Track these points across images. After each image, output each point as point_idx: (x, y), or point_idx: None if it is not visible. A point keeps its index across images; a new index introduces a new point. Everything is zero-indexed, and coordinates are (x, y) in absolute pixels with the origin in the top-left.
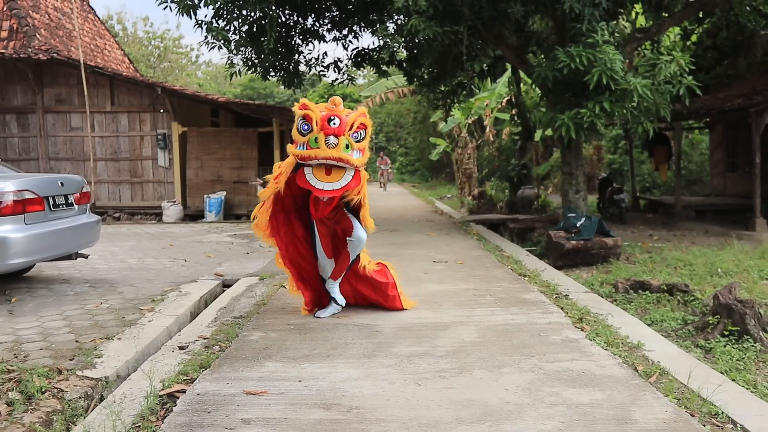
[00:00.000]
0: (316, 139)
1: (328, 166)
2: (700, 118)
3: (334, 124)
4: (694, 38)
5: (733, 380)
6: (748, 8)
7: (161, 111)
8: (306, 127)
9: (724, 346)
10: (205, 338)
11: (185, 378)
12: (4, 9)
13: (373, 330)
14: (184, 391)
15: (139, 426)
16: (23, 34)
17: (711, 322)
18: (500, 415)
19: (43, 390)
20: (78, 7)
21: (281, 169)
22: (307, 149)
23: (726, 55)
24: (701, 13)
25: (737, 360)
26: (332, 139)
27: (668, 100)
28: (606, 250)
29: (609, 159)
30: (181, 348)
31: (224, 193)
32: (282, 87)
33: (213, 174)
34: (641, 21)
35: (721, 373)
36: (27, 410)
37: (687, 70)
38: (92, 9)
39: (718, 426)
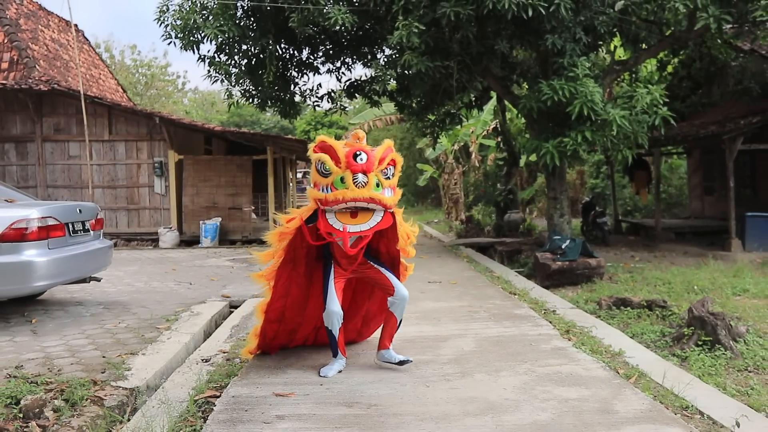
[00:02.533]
0: (342, 178)
1: (354, 209)
2: (678, 144)
3: (361, 159)
4: (670, 69)
5: (706, 382)
6: (719, 41)
7: (159, 139)
8: (324, 168)
9: (698, 355)
10: (225, 352)
11: (215, 385)
12: (5, 41)
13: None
14: (216, 396)
15: (184, 421)
16: (23, 65)
17: (686, 333)
18: (501, 408)
19: (84, 398)
20: (74, 39)
21: (297, 213)
22: (332, 191)
23: (700, 85)
24: (676, 45)
25: (709, 366)
26: (361, 177)
27: (645, 129)
28: (590, 270)
29: (592, 183)
30: (204, 361)
31: (219, 219)
32: (269, 114)
33: (208, 200)
34: (620, 53)
35: (697, 377)
36: (73, 415)
37: (662, 101)
38: (87, 40)
39: (688, 416)
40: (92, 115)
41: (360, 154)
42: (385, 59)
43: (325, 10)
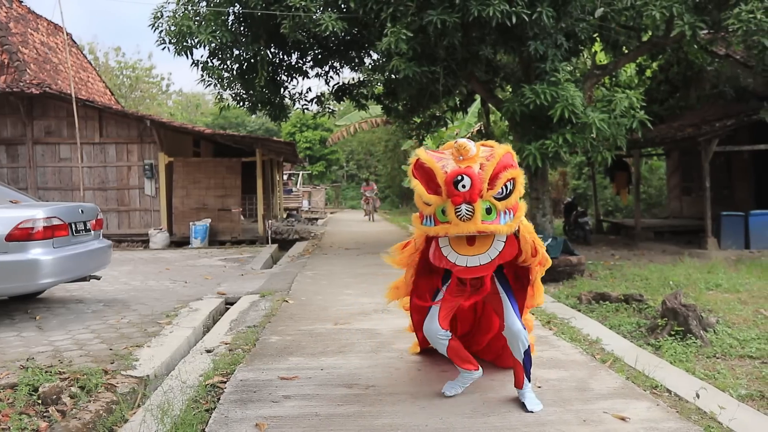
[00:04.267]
0: (443, 210)
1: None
2: (656, 146)
3: (463, 187)
4: (648, 73)
5: (675, 366)
6: (695, 47)
7: (149, 142)
8: (422, 197)
9: (671, 343)
10: (227, 343)
11: (221, 372)
12: None
13: (374, 333)
14: (223, 382)
15: (197, 402)
16: (14, 69)
17: (660, 324)
18: (487, 387)
19: (99, 386)
20: (62, 42)
21: (415, 236)
22: (434, 223)
23: (678, 88)
24: (654, 50)
25: (681, 353)
26: (464, 208)
27: (624, 132)
28: (571, 268)
29: (574, 184)
30: (208, 351)
31: (209, 220)
32: (253, 116)
33: (198, 202)
34: (601, 57)
35: (668, 362)
36: (89, 401)
37: (639, 105)
38: (75, 43)
39: (656, 393)
40: (83, 117)
41: (462, 180)
42: (373, 64)
43: (316, 17)
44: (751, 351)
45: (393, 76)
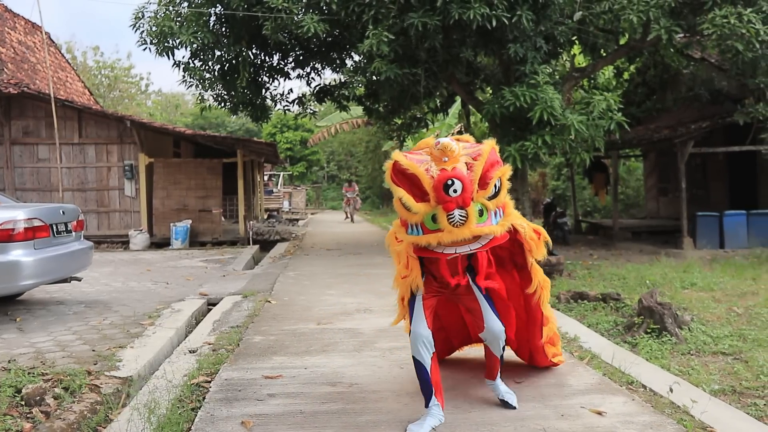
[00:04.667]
0: (433, 217)
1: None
2: (634, 147)
3: (455, 191)
4: (626, 75)
5: (651, 363)
6: (671, 50)
7: (129, 143)
8: (410, 207)
9: (647, 341)
10: (210, 344)
11: (205, 372)
12: None
13: (357, 332)
14: (208, 382)
15: (182, 403)
16: None
17: (636, 322)
18: (468, 384)
19: (82, 386)
20: (40, 41)
21: (404, 250)
22: (423, 232)
23: (654, 91)
24: (631, 53)
25: (656, 350)
26: (458, 214)
27: (602, 133)
28: (550, 267)
29: (553, 185)
30: (191, 352)
31: (190, 221)
32: (233, 117)
33: (179, 203)
34: (580, 60)
35: (644, 359)
36: (74, 401)
37: (616, 107)
38: (53, 42)
39: (632, 389)
40: (62, 118)
41: (453, 184)
42: (354, 65)
43: (297, 19)
44: (724, 348)
45: (374, 77)
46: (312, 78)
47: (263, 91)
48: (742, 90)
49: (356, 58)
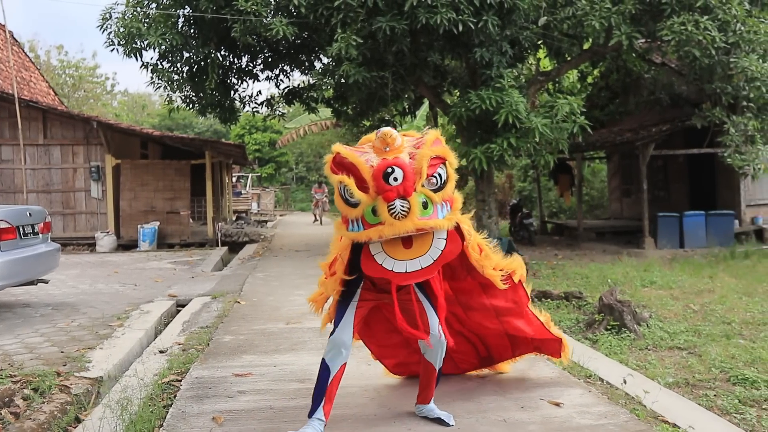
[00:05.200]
0: (373, 209)
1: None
2: (597, 150)
3: (396, 179)
4: (590, 79)
5: (609, 358)
6: (633, 55)
7: (96, 144)
8: (351, 193)
9: (607, 337)
10: (180, 344)
11: (175, 371)
12: None
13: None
14: (178, 381)
15: (152, 401)
16: None
17: (597, 319)
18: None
19: (52, 387)
20: (3, 40)
21: (337, 252)
22: (363, 227)
23: (617, 95)
24: (594, 58)
25: (615, 346)
26: (399, 204)
27: (566, 136)
28: None
29: (519, 186)
30: (161, 352)
31: (158, 223)
32: (201, 118)
33: (146, 205)
34: (545, 63)
35: (603, 354)
36: (43, 402)
37: (579, 111)
38: (16, 41)
39: (590, 382)
40: (26, 118)
41: (393, 171)
42: (323, 68)
43: (266, 21)
44: (680, 343)
45: (342, 80)
46: (281, 80)
47: (232, 92)
48: (701, 94)
49: (325, 60)
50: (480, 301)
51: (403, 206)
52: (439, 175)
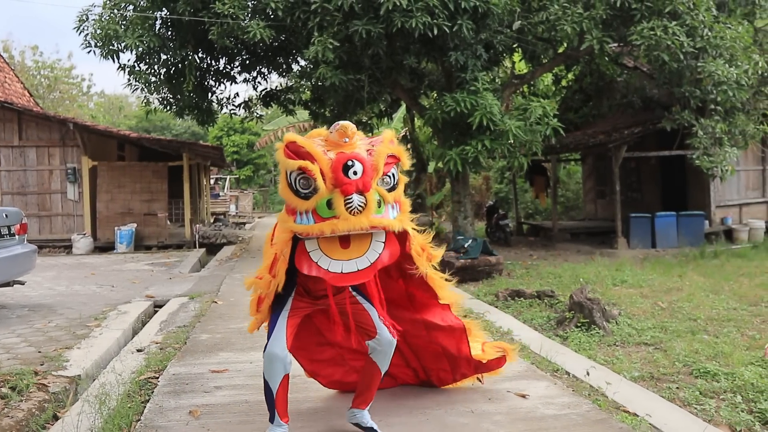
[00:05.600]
0: (329, 202)
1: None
2: (572, 152)
3: (356, 173)
4: (564, 83)
5: (577, 353)
6: (606, 59)
7: (72, 145)
8: (305, 184)
9: (577, 334)
10: (157, 343)
11: (153, 369)
12: None
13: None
14: (156, 378)
15: (129, 398)
16: None
17: (568, 316)
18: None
19: (30, 386)
20: None
21: (275, 248)
22: (315, 220)
23: (591, 98)
24: (568, 62)
25: (584, 342)
26: (356, 198)
27: (539, 138)
28: (490, 267)
29: (496, 188)
30: (139, 350)
31: (135, 225)
32: (179, 120)
33: (123, 207)
34: (521, 66)
35: (573, 350)
36: (21, 400)
37: (552, 113)
38: None
39: (557, 375)
40: (0, 120)
41: (353, 164)
42: (300, 70)
43: (244, 24)
44: (647, 339)
45: (319, 83)
46: (258, 82)
47: (209, 94)
48: (671, 98)
49: (302, 63)
50: (407, 314)
51: (360, 201)
52: (393, 175)
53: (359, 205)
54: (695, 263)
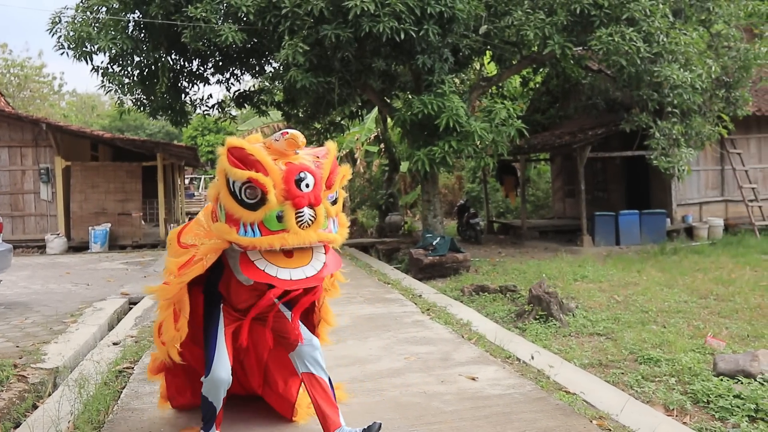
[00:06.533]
0: (279, 215)
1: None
2: (539, 152)
3: (308, 186)
4: (531, 85)
5: (531, 342)
6: (570, 62)
7: (45, 146)
8: (252, 194)
9: (534, 326)
10: (132, 336)
11: (128, 360)
12: None
13: None
14: (131, 368)
15: (106, 386)
16: None
17: (527, 309)
18: (366, 361)
19: (10, 377)
20: None
21: (200, 252)
22: (263, 234)
23: (558, 99)
24: (534, 65)
25: (541, 333)
26: (308, 212)
27: (505, 139)
28: (457, 264)
29: (469, 188)
30: (114, 344)
31: (109, 224)
32: (152, 120)
33: (97, 207)
34: (491, 68)
35: (530, 341)
36: (2, 390)
37: (516, 115)
38: None
39: (508, 362)
40: None
41: (305, 177)
42: (272, 72)
43: (216, 27)
44: (600, 330)
45: (290, 85)
46: (231, 83)
47: (183, 95)
48: (633, 100)
49: (274, 65)
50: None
51: (311, 215)
52: (336, 191)
53: (310, 219)
54: (655, 259)
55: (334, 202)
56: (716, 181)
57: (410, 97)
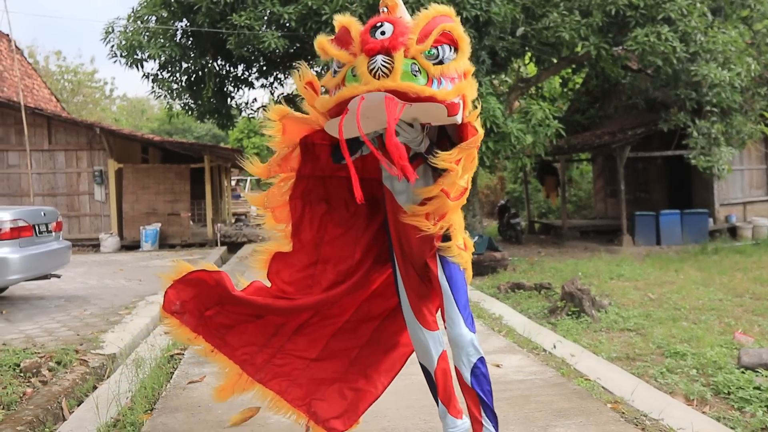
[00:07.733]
0: (353, 70)
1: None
2: (579, 152)
3: (383, 33)
4: (571, 85)
5: (562, 336)
6: (609, 62)
7: (98, 149)
8: (338, 63)
9: (566, 321)
10: None
11: (179, 347)
12: None
13: None
14: (181, 354)
15: (160, 368)
16: None
17: (560, 305)
18: None
19: (73, 361)
20: (6, 49)
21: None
22: (337, 90)
23: (598, 99)
24: (573, 65)
25: (572, 328)
26: (380, 59)
27: (542, 140)
28: (495, 262)
29: (511, 188)
30: (166, 333)
31: (159, 224)
32: (198, 123)
33: (148, 207)
34: (531, 68)
35: (560, 335)
36: (66, 372)
37: (552, 116)
38: (19, 49)
39: (534, 352)
40: (31, 125)
41: (381, 26)
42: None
43: (259, 34)
44: (630, 325)
45: None
46: (275, 87)
47: (228, 99)
48: (671, 99)
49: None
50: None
51: (384, 62)
52: (443, 48)
53: (384, 66)
54: (695, 259)
55: (441, 62)
56: (761, 181)
57: None
